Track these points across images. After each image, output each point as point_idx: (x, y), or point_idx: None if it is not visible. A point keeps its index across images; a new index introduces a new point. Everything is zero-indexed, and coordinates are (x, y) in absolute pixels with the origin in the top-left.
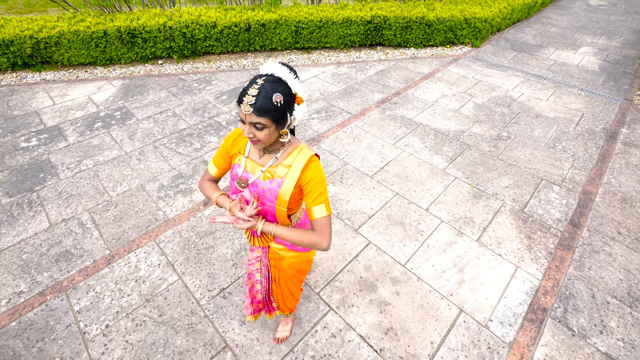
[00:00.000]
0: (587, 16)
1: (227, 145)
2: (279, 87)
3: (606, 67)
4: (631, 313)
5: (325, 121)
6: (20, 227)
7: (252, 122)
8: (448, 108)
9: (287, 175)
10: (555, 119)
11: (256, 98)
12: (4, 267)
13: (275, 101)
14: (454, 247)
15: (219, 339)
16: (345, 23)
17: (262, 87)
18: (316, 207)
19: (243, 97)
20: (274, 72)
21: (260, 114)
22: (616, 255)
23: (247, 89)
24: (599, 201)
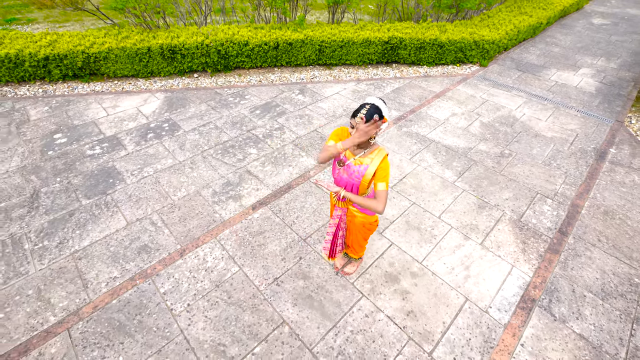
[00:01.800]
0: (590, 36)
1: (339, 134)
2: (376, 110)
3: (602, 89)
4: (603, 304)
5: None
6: (102, 224)
7: (362, 130)
8: (457, 126)
9: (370, 164)
10: (552, 138)
11: (366, 115)
12: (97, 257)
13: (375, 118)
14: (461, 249)
15: (277, 316)
16: (364, 43)
17: (368, 110)
18: (380, 183)
19: (357, 113)
20: (374, 103)
21: (367, 122)
22: (595, 258)
23: (359, 110)
24: (585, 213)
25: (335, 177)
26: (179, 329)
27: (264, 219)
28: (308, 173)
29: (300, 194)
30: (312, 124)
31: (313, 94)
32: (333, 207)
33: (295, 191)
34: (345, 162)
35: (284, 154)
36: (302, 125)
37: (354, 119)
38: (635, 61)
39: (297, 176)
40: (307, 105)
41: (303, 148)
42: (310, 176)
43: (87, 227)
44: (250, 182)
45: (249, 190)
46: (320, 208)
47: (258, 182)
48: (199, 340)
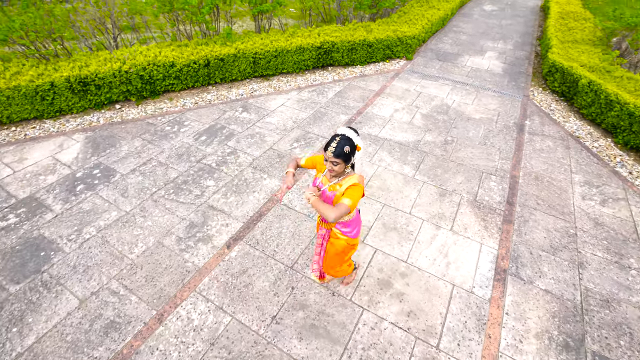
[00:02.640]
0: (485, 22)
1: (317, 162)
2: (348, 142)
3: (507, 69)
4: (554, 259)
5: (306, 148)
6: (48, 310)
7: (332, 161)
8: (402, 121)
9: (339, 190)
10: (481, 119)
11: (335, 148)
12: (51, 354)
13: (346, 151)
14: (436, 239)
15: (287, 357)
16: (298, 50)
17: (339, 142)
18: (345, 198)
19: (328, 147)
20: (345, 134)
21: (336, 157)
22: (539, 220)
23: (330, 142)
24: (522, 182)
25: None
26: None
27: (243, 255)
28: (276, 196)
29: (274, 220)
30: (266, 142)
31: (258, 109)
32: (318, 226)
33: (267, 217)
34: (321, 189)
35: (245, 180)
36: (256, 145)
37: (326, 152)
38: (524, 41)
39: (266, 201)
40: (255, 122)
41: (263, 169)
42: (278, 199)
43: (27, 319)
44: (217, 218)
45: (218, 228)
46: (298, 229)
47: (225, 217)
48: None
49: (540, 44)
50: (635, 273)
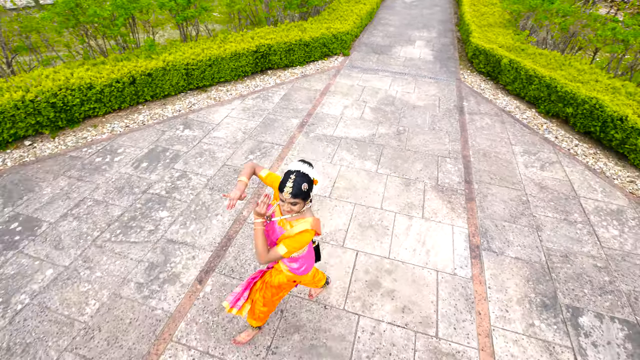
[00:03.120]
0: (408, 13)
1: (276, 184)
2: (304, 179)
3: (437, 56)
4: (516, 227)
5: (263, 159)
6: None
7: (290, 202)
8: (353, 117)
9: (289, 230)
10: (425, 106)
11: (292, 189)
12: None
13: (304, 189)
14: (411, 229)
15: None
16: (234, 57)
17: (295, 181)
18: (281, 246)
19: (283, 187)
20: (299, 170)
21: (294, 197)
22: (495, 193)
23: (285, 182)
24: (473, 160)
25: (266, 227)
26: None
27: (219, 287)
28: (241, 215)
29: (245, 242)
30: (218, 159)
31: (201, 124)
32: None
33: (238, 240)
34: (272, 219)
35: (204, 204)
36: (207, 164)
37: (282, 194)
38: (445, 28)
39: (232, 222)
40: (201, 139)
41: (222, 189)
42: (244, 217)
43: None
44: (180, 252)
45: (184, 263)
46: None
47: (189, 249)
48: None
49: (459, 29)
50: (580, 226)
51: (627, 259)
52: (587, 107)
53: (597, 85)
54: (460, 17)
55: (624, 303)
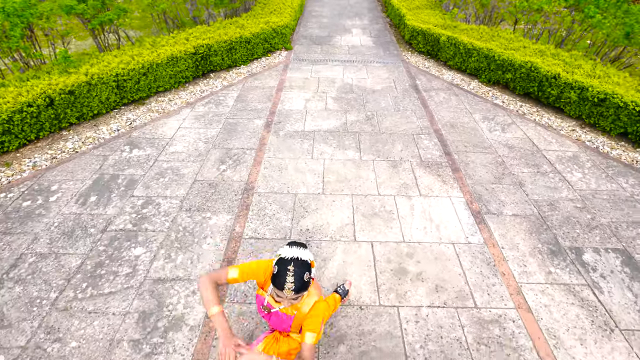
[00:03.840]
0: (336, 3)
1: (259, 273)
2: (304, 267)
3: (376, 41)
4: (503, 187)
5: (238, 167)
6: None
7: (292, 298)
8: (318, 109)
9: (298, 313)
10: (383, 89)
11: (294, 284)
12: None
13: (306, 279)
14: (415, 209)
15: None
16: (171, 62)
17: (295, 272)
18: (309, 333)
19: (283, 284)
20: (296, 257)
21: (298, 292)
22: (475, 160)
23: (283, 277)
24: (444, 133)
25: (264, 317)
26: None
27: (237, 318)
28: (234, 231)
29: (249, 259)
30: (185, 176)
31: (151, 141)
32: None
33: (239, 260)
34: (271, 310)
35: (185, 228)
36: (175, 184)
37: (282, 291)
38: (374, 15)
39: (227, 241)
40: (157, 157)
41: (201, 208)
42: (239, 234)
43: None
44: (175, 290)
45: (185, 302)
46: None
47: (185, 283)
48: None
49: (388, 15)
50: (552, 175)
51: (596, 196)
52: (524, 71)
53: (526, 50)
54: (387, 3)
55: (609, 234)
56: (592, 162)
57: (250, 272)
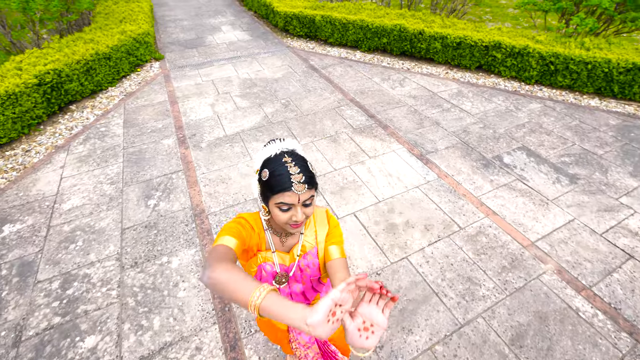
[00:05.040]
0: (185, 4)
1: (247, 235)
2: (301, 158)
3: (252, 34)
4: (424, 128)
5: (172, 195)
6: None
7: (305, 199)
8: (230, 111)
9: (317, 241)
10: (284, 76)
11: (302, 173)
12: None
13: (312, 167)
14: (373, 170)
15: None
16: (11, 100)
17: (295, 160)
18: (333, 246)
19: (290, 179)
20: (288, 148)
21: (311, 186)
22: (395, 115)
23: (285, 170)
24: (358, 99)
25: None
26: None
27: (253, 355)
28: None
29: None
30: (105, 228)
31: (27, 207)
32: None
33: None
34: (289, 274)
35: (143, 286)
36: (95, 242)
37: (292, 188)
38: (235, 10)
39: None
40: (48, 223)
41: (149, 256)
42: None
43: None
44: (172, 355)
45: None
46: None
47: (182, 344)
48: None
49: (250, 7)
50: (453, 109)
51: (487, 115)
52: (395, 33)
53: (390, 16)
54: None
55: (509, 139)
56: (472, 92)
57: (239, 228)
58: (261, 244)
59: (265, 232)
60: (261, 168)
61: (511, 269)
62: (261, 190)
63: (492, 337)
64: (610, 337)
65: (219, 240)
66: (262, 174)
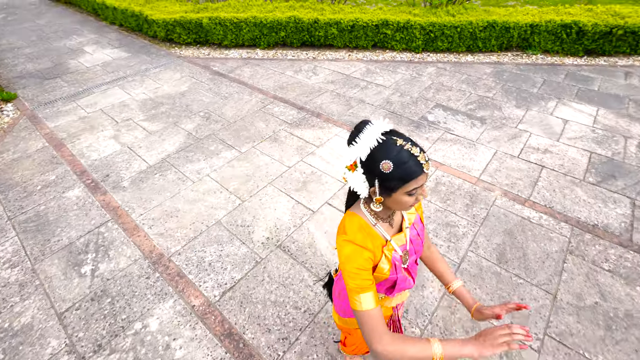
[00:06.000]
0: (19, 28)
1: (367, 254)
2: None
3: (130, 49)
4: (354, 108)
5: (111, 251)
6: None
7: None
8: (142, 138)
9: (417, 209)
10: (190, 88)
11: (422, 150)
12: None
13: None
14: (326, 158)
15: None
16: None
17: (407, 140)
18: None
19: (418, 162)
20: (384, 127)
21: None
22: (323, 102)
23: (408, 155)
24: (281, 95)
25: (408, 271)
26: None
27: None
28: (195, 308)
29: (252, 287)
30: (49, 315)
31: None
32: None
33: (238, 321)
34: (408, 252)
35: (134, 349)
36: (39, 338)
37: (420, 175)
38: (94, 27)
39: (202, 323)
40: None
41: (125, 321)
42: (203, 306)
43: None
44: None
45: None
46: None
47: None
48: None
49: (112, 21)
50: (370, 86)
51: (399, 85)
52: (292, 25)
53: (280, 9)
54: (101, 9)
55: (425, 100)
56: (378, 68)
57: (366, 275)
58: (381, 242)
59: (374, 228)
60: (371, 160)
61: (472, 204)
62: (383, 184)
63: (484, 264)
64: (556, 229)
65: (366, 306)
66: (382, 167)
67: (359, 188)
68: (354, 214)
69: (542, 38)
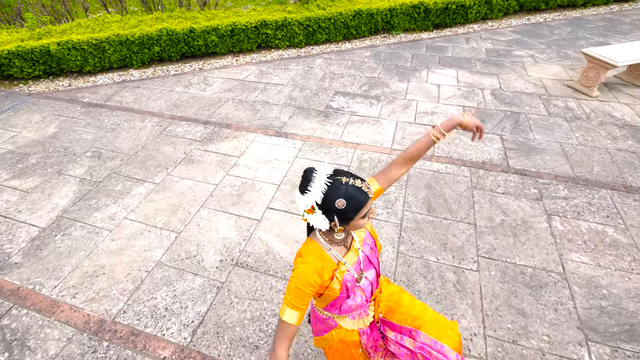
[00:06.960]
0: None
1: (316, 281)
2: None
3: None
4: (286, 110)
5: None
6: None
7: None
8: (17, 199)
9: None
10: (63, 128)
11: (361, 179)
12: None
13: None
14: (315, 151)
15: None
16: None
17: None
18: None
19: (363, 192)
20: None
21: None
22: (236, 115)
23: (354, 189)
24: (178, 114)
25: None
26: None
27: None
28: (184, 342)
29: (225, 311)
30: None
31: None
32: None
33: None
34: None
35: None
36: None
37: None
38: None
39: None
40: None
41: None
42: (184, 345)
43: None
44: None
45: None
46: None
47: None
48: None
49: None
50: (272, 85)
51: (296, 81)
52: (165, 38)
53: (146, 22)
54: None
55: (316, 93)
56: (270, 68)
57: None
58: (333, 265)
59: (328, 253)
60: (326, 202)
61: None
62: (340, 217)
63: (419, 217)
64: (459, 173)
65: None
66: (337, 205)
67: (320, 225)
68: (311, 240)
69: (400, 19)
